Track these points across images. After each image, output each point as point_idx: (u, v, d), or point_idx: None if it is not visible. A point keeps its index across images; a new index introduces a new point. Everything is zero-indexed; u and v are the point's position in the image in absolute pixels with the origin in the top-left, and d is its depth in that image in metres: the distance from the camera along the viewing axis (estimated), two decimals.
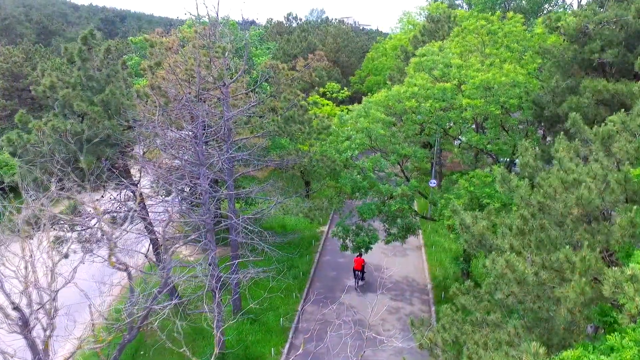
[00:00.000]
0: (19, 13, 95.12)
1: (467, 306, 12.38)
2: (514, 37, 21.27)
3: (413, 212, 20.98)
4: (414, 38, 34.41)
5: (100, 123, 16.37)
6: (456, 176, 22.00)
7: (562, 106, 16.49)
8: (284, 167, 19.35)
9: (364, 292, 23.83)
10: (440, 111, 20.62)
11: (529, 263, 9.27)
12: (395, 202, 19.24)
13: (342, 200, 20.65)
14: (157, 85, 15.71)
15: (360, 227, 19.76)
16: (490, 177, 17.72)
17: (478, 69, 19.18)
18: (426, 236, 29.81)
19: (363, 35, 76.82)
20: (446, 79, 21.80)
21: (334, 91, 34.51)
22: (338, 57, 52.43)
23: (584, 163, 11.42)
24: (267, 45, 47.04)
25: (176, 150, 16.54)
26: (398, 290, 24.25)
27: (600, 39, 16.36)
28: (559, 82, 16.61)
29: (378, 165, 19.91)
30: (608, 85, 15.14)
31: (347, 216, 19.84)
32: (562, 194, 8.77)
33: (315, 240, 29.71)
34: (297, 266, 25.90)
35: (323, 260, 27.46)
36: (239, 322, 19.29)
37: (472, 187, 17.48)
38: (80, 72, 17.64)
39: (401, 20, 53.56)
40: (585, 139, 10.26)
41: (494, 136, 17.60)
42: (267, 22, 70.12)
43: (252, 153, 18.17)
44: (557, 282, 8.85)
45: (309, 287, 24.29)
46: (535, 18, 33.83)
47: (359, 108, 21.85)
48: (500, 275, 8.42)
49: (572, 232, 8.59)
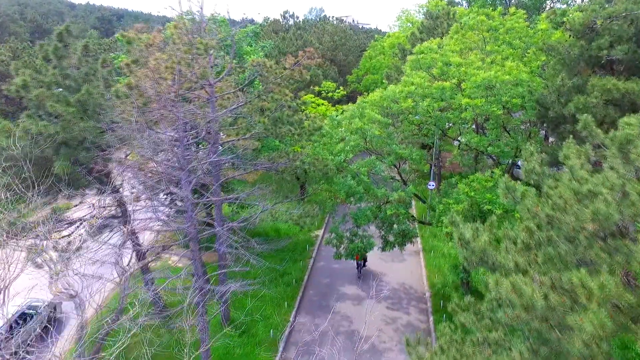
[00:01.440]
0: (14, 11, 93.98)
1: (467, 324, 11.36)
2: (516, 33, 20.22)
3: (410, 217, 19.96)
4: (412, 35, 33.37)
5: (75, 125, 15.34)
6: (455, 179, 20.99)
7: (568, 106, 15.48)
8: (274, 170, 18.31)
9: (360, 300, 22.82)
10: (439, 111, 19.61)
11: (537, 283, 8.26)
12: (392, 206, 18.23)
13: (335, 204, 19.65)
14: (135, 85, 14.68)
15: (354, 234, 18.74)
16: (491, 181, 16.71)
17: (479, 67, 18.16)
18: (424, 241, 28.79)
19: (361, 33, 75.84)
20: (445, 77, 20.80)
21: (330, 90, 33.43)
22: (335, 56, 51.39)
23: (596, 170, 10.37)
24: (262, 44, 46.02)
25: (156, 154, 15.49)
26: (395, 298, 23.23)
27: (608, 34, 15.35)
28: (565, 80, 15.59)
29: (373, 169, 18.89)
30: (618, 83, 14.12)
31: (341, 222, 18.82)
32: (574, 205, 7.75)
33: (310, 244, 28.69)
34: (289, 273, 24.89)
35: (317, 266, 26.44)
36: (226, 334, 18.31)
37: (473, 192, 16.47)
38: (56, 70, 16.62)
39: (399, 18, 52.51)
40: (598, 143, 9.23)
41: (495, 138, 16.57)
42: (264, 20, 69.12)
43: (238, 156, 17.14)
44: (569, 306, 7.85)
45: (302, 295, 23.28)
46: (537, 15, 32.78)
47: (353, 108, 20.84)
48: (505, 299, 7.40)
49: (586, 250, 7.57)
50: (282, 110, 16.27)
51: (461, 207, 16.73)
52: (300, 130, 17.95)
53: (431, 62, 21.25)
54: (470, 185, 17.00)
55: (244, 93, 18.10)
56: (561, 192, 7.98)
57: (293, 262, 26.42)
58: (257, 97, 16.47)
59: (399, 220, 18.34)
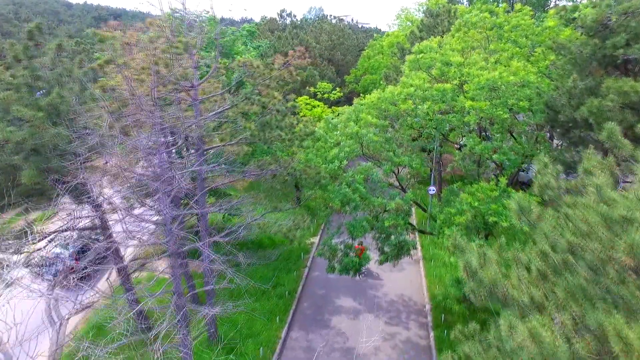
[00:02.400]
0: (8, 11, 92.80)
1: (471, 356, 10.13)
2: (522, 31, 18.96)
3: (410, 227, 18.69)
4: (411, 34, 32.10)
5: (45, 131, 14.10)
6: (457, 185, 19.75)
7: (581, 110, 14.23)
8: (264, 177, 17.06)
9: (357, 314, 21.59)
10: (440, 114, 18.35)
11: (557, 324, 7.04)
12: (390, 216, 16.99)
13: (329, 214, 18.42)
14: (111, 87, 13.45)
15: (349, 247, 17.48)
16: (496, 190, 15.47)
17: (482, 67, 16.91)
18: (425, 249, 27.56)
19: (360, 32, 74.60)
20: (445, 78, 19.56)
21: (326, 91, 32.16)
22: (333, 55, 50.10)
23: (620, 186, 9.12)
24: (258, 43, 44.79)
25: (133, 163, 14.25)
26: (394, 311, 22.01)
27: (625, 32, 14.09)
28: (577, 82, 14.34)
29: (370, 176, 17.65)
30: (637, 85, 12.87)
31: (336, 233, 17.56)
32: (603, 232, 6.53)
33: (305, 252, 27.46)
34: (282, 284, 23.66)
35: (312, 276, 25.20)
36: (213, 352, 17.09)
37: (477, 202, 15.23)
38: (27, 71, 15.39)
39: (399, 17, 51.25)
40: (625, 156, 8.00)
41: (501, 143, 15.33)
42: (262, 19, 67.93)
43: (226, 162, 15.89)
44: (596, 350, 6.63)
45: (296, 308, 22.04)
46: (542, 12, 31.48)
47: (349, 111, 19.59)
48: (520, 346, 6.18)
49: (618, 287, 6.35)
50: (270, 114, 15.02)
51: (464, 218, 15.51)
52: (291, 135, 16.72)
53: (431, 62, 20.00)
54: (473, 194, 15.77)
55: (233, 95, 16.84)
56: (585, 216, 6.76)
57: (286, 272, 25.19)
58: (244, 100, 15.22)
59: (397, 231, 17.11)
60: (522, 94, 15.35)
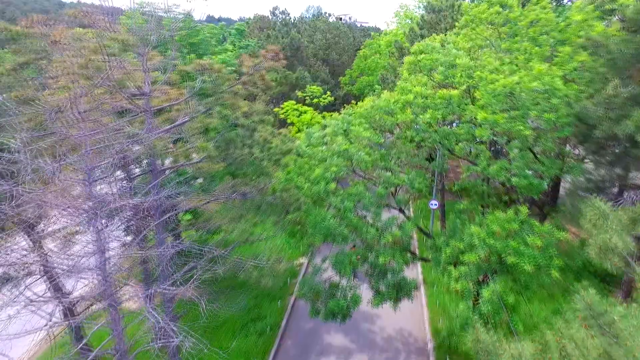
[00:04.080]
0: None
1: None
2: (542, 26, 16.02)
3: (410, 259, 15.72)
4: (410, 31, 29.13)
5: None
6: (463, 205, 16.85)
7: (625, 124, 11.28)
8: (230, 202, 14.14)
9: (348, 354, 18.68)
10: (445, 125, 15.45)
11: None
12: (385, 251, 14.10)
13: (311, 245, 15.56)
14: (29, 97, 10.53)
15: (335, 286, 14.54)
16: (516, 223, 12.55)
17: (496, 70, 14.00)
18: (426, 271, 24.67)
19: (357, 31, 71.67)
20: (450, 82, 16.68)
21: (315, 95, 29.19)
22: (328, 55, 47.08)
23: None
24: (246, 42, 41.86)
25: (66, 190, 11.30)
26: (390, 350, 19.11)
27: None
28: (619, 89, 11.42)
29: (361, 201, 14.75)
30: None
31: (317, 271, 14.62)
32: None
33: (292, 276, 24.56)
34: (264, 316, 20.76)
35: (299, 305, 22.24)
36: None
37: (491, 238, 12.32)
38: None
39: (397, 14, 48.34)
40: None
41: (523, 167, 12.34)
42: (254, 16, 65.00)
43: (182, 185, 13.00)
44: None
45: (278, 348, 19.12)
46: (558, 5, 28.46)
47: (338, 121, 16.67)
48: None
49: None
50: (236, 129, 12.12)
51: (475, 256, 12.59)
52: (266, 153, 13.81)
53: (433, 64, 17.11)
54: (487, 226, 12.85)
55: (193, 104, 13.86)
56: None
57: (270, 300, 22.30)
58: (204, 112, 12.30)
59: (394, 269, 14.21)
60: (547, 105, 12.41)
